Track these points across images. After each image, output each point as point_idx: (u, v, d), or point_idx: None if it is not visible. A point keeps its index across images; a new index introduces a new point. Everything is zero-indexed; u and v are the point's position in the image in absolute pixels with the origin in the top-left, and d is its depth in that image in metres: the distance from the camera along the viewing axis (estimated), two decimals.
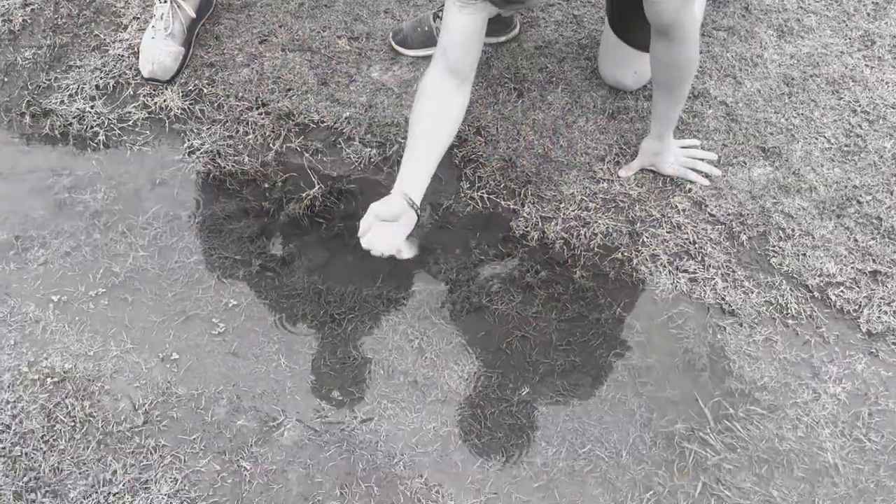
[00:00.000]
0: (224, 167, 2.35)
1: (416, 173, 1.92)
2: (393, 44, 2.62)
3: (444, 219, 2.26)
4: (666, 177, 2.30)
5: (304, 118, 2.44)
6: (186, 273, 2.13)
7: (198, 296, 2.09)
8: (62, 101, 2.49)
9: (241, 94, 2.49)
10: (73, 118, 2.45)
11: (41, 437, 1.82)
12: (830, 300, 2.06)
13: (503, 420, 1.89)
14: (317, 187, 2.31)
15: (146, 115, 2.47)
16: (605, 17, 2.45)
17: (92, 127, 2.43)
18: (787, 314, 2.04)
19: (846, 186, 2.26)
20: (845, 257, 2.13)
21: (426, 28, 2.56)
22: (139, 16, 2.68)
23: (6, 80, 2.56)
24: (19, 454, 1.79)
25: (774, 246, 2.15)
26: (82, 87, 2.51)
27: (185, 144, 2.40)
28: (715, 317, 2.05)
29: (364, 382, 1.95)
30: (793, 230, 2.18)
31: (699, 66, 2.38)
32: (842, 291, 2.07)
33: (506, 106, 2.46)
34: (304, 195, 2.29)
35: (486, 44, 2.47)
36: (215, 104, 2.47)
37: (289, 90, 2.50)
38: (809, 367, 1.96)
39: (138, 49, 2.53)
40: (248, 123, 2.43)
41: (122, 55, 2.58)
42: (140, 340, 2.00)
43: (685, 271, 2.13)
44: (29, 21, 2.68)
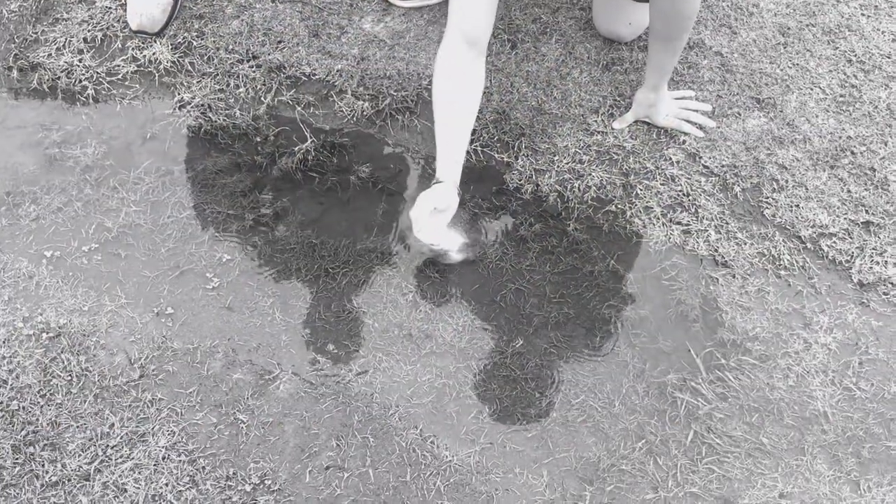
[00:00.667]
0: (215, 121, 2.33)
1: (454, 159, 1.95)
2: None
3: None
4: (660, 129, 2.29)
5: (296, 71, 2.41)
6: (179, 228, 2.13)
7: (191, 251, 2.09)
8: (49, 55, 2.45)
9: (231, 47, 2.45)
10: (62, 72, 2.42)
11: (38, 392, 1.83)
12: (823, 251, 2.07)
13: (497, 372, 1.91)
14: (309, 141, 2.29)
15: (135, 69, 2.44)
16: None
17: (80, 81, 2.41)
18: (780, 265, 2.05)
19: (840, 137, 2.26)
20: (838, 208, 2.13)
21: None
22: None
23: None
24: (17, 408, 1.80)
25: (768, 197, 2.16)
26: (70, 41, 2.47)
27: (176, 98, 2.38)
28: (708, 268, 2.06)
29: (359, 335, 1.96)
30: (786, 181, 2.18)
31: None
32: (834, 242, 2.08)
33: (499, 57, 2.44)
34: (296, 149, 2.27)
35: None
36: (205, 57, 2.44)
37: (279, 42, 2.47)
38: (801, 317, 1.98)
39: (126, 0, 2.49)
40: (238, 76, 2.40)
41: (110, 7, 2.54)
42: (134, 295, 2.00)
43: (679, 223, 2.13)
44: None
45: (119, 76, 2.42)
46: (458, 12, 1.92)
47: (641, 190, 2.18)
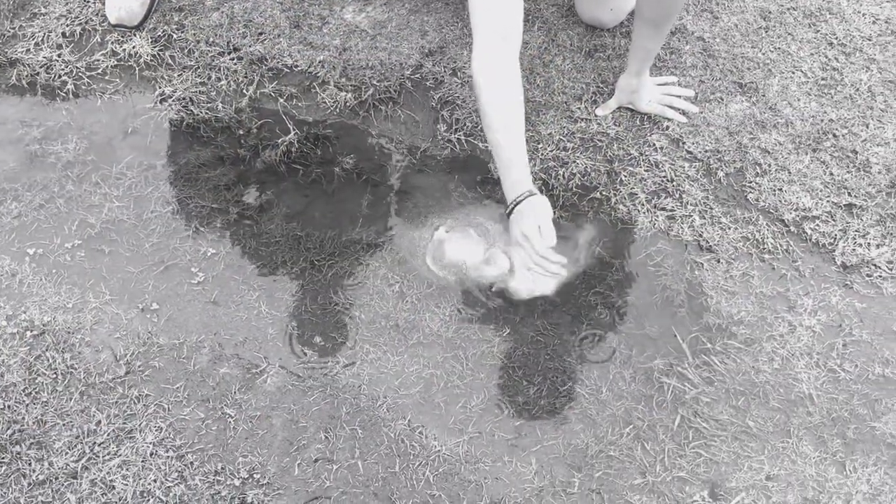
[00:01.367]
0: (197, 114, 2.32)
1: (525, 162, 1.85)
2: None
3: (421, 162, 2.25)
4: (643, 115, 2.29)
5: (278, 63, 2.40)
6: (163, 223, 2.12)
7: (176, 245, 2.08)
8: (28, 50, 2.43)
9: (211, 39, 2.44)
10: (41, 67, 2.40)
11: (23, 390, 1.82)
12: (806, 234, 2.08)
13: (484, 361, 1.91)
14: (292, 133, 2.28)
15: (115, 63, 2.42)
16: None
17: (60, 76, 2.38)
18: (764, 249, 2.06)
19: (822, 120, 2.26)
20: (821, 191, 2.14)
21: None
22: None
23: None
24: (2, 407, 1.79)
25: (751, 181, 2.16)
26: (48, 35, 2.45)
27: (157, 92, 2.36)
28: (693, 253, 2.07)
29: (345, 327, 1.96)
30: (769, 165, 2.18)
31: None
32: (817, 225, 2.09)
33: None
34: (279, 141, 2.26)
35: None
36: (186, 50, 2.42)
37: (260, 34, 2.46)
38: (785, 300, 1.99)
39: None
40: (220, 69, 2.39)
41: (88, 1, 2.52)
42: (119, 291, 1.99)
43: (663, 209, 2.14)
44: None
45: (99, 71, 2.40)
46: (486, 12, 1.80)
47: (626, 176, 2.18)
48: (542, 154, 2.22)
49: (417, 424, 1.82)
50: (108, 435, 1.76)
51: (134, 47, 2.42)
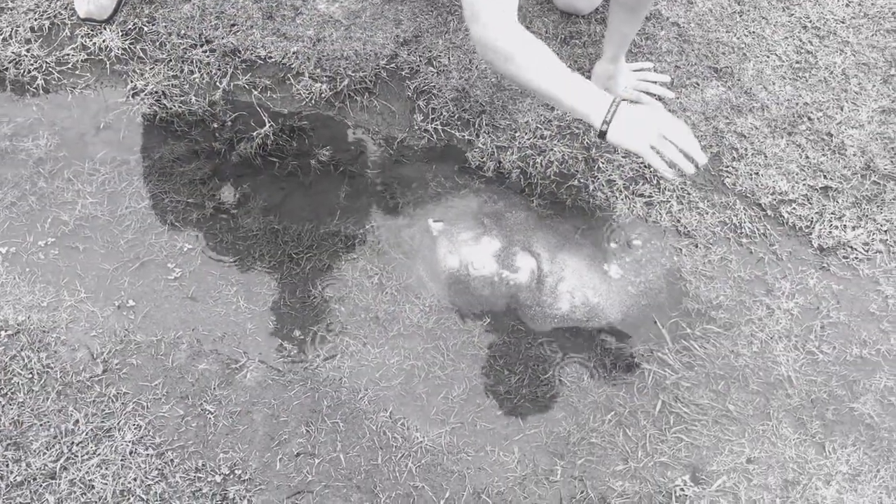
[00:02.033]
0: (170, 108, 2.29)
1: (585, 80, 1.68)
2: None
3: (398, 153, 2.23)
4: None
5: (251, 54, 2.37)
6: (138, 218, 2.09)
7: (151, 241, 2.05)
8: None
9: (183, 32, 2.40)
10: (9, 63, 2.35)
11: None
12: (783, 217, 2.09)
13: (465, 351, 1.91)
14: (267, 125, 2.26)
15: (85, 57, 2.38)
16: None
17: (29, 71, 2.34)
18: (742, 233, 2.07)
19: (797, 104, 2.27)
20: (797, 174, 2.15)
21: None
22: None
23: None
24: None
25: (728, 166, 2.17)
26: (16, 30, 2.40)
27: (129, 86, 2.33)
28: (671, 239, 2.07)
29: (325, 320, 1.95)
30: (745, 149, 2.19)
31: None
32: (794, 208, 2.10)
33: (457, 35, 2.41)
34: (254, 134, 2.24)
35: None
36: (157, 43, 2.39)
37: (233, 26, 2.43)
38: (763, 283, 2.00)
39: None
40: (192, 62, 2.35)
41: None
42: (94, 289, 1.97)
43: (641, 195, 2.14)
44: None
45: (69, 65, 2.36)
46: None
47: (603, 163, 2.18)
48: (520, 142, 2.21)
49: (399, 416, 1.81)
50: (87, 434, 1.75)
51: (104, 41, 2.38)
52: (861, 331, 1.93)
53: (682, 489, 1.73)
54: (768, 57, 2.37)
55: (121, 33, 2.39)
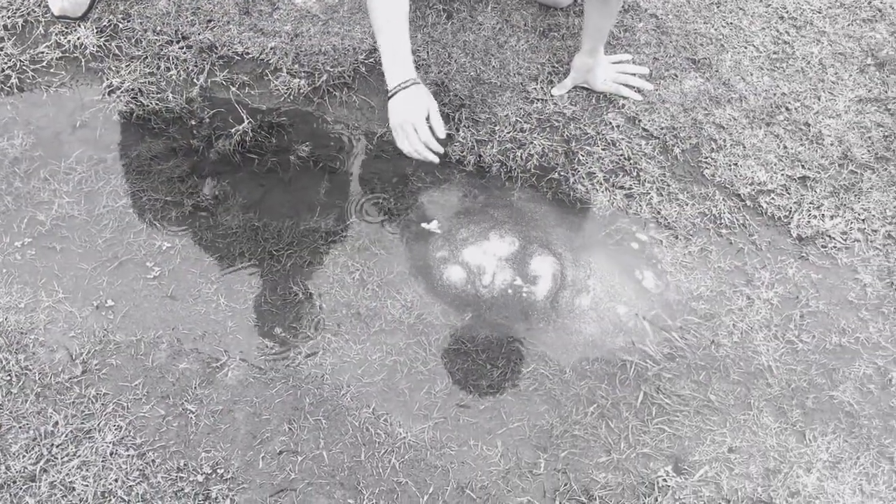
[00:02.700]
0: (147, 105, 2.27)
1: (409, 55, 1.90)
2: None
3: (378, 148, 2.22)
4: (599, 94, 2.29)
5: (228, 50, 2.35)
6: (116, 217, 2.07)
7: (129, 240, 2.04)
8: None
9: (159, 28, 2.38)
10: None
11: None
12: (762, 208, 2.10)
13: (447, 345, 1.90)
14: (246, 122, 2.24)
15: (60, 55, 2.35)
16: None
17: (3, 70, 2.31)
18: (721, 224, 2.08)
19: (775, 94, 2.28)
20: (775, 165, 2.16)
21: None
22: None
23: None
24: None
25: (707, 157, 2.18)
26: None
27: (105, 84, 2.30)
28: (652, 230, 2.08)
29: (306, 317, 1.94)
30: (724, 140, 2.20)
31: None
32: (772, 198, 2.11)
33: (435, 28, 2.41)
34: (233, 131, 2.22)
35: None
36: (133, 40, 2.36)
37: (209, 21, 2.41)
38: (743, 274, 2.01)
39: None
40: (169, 58, 2.33)
41: None
42: (72, 289, 1.95)
43: (621, 187, 2.14)
44: None
45: (43, 63, 2.33)
46: None
47: (583, 156, 2.18)
48: (500, 136, 2.21)
49: (382, 412, 1.81)
50: (67, 436, 1.73)
51: (79, 38, 2.35)
52: (840, 319, 1.94)
53: (664, 480, 1.74)
54: (746, 48, 2.38)
55: (96, 30, 2.37)
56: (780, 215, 2.08)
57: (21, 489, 1.66)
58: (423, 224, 2.04)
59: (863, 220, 2.08)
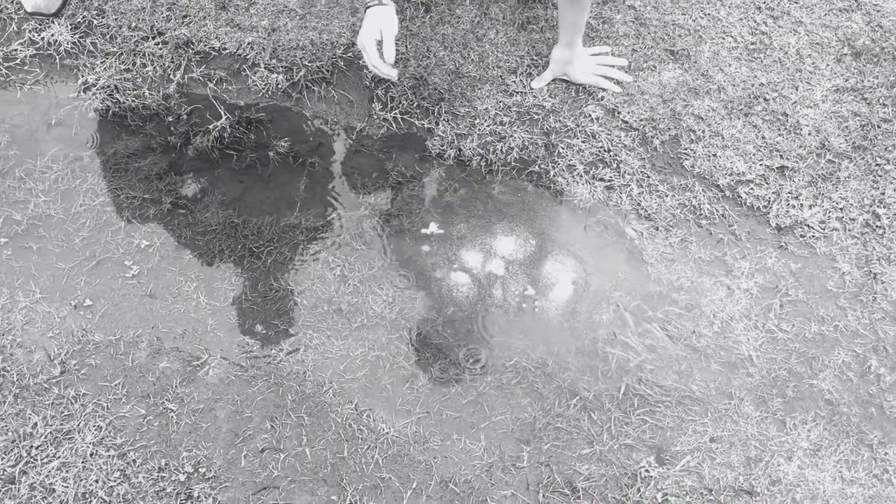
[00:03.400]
0: (123, 102, 2.24)
1: None
2: None
3: (358, 143, 2.21)
4: (578, 86, 2.28)
5: (205, 46, 2.33)
6: (93, 216, 2.05)
7: (107, 239, 2.02)
8: None
9: (134, 24, 2.36)
10: None
11: None
12: (741, 198, 2.11)
13: (429, 340, 1.90)
14: (224, 118, 2.23)
15: (34, 52, 2.33)
16: None
17: None
18: (701, 215, 2.08)
19: (753, 85, 2.29)
20: (754, 155, 2.17)
21: None
22: None
23: None
24: None
25: (686, 148, 2.18)
26: None
27: (80, 81, 2.28)
28: (632, 222, 2.08)
29: (287, 314, 1.93)
30: (703, 131, 2.20)
31: None
32: (751, 189, 2.12)
33: (414, 22, 2.40)
34: (211, 127, 2.21)
35: None
36: (108, 36, 2.34)
37: (185, 17, 2.38)
38: (723, 264, 2.02)
39: None
40: (144, 55, 2.31)
41: None
42: (50, 289, 1.93)
43: (601, 179, 2.14)
44: None
45: (17, 61, 2.31)
46: None
47: (563, 148, 2.18)
48: (480, 129, 2.20)
49: (365, 408, 1.81)
50: (46, 437, 1.72)
51: (53, 35, 2.33)
52: (819, 308, 1.95)
53: (647, 470, 1.74)
54: (724, 39, 2.38)
55: (70, 27, 2.34)
56: (759, 205, 2.09)
57: (0, 492, 1.64)
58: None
59: (841, 208, 2.09)
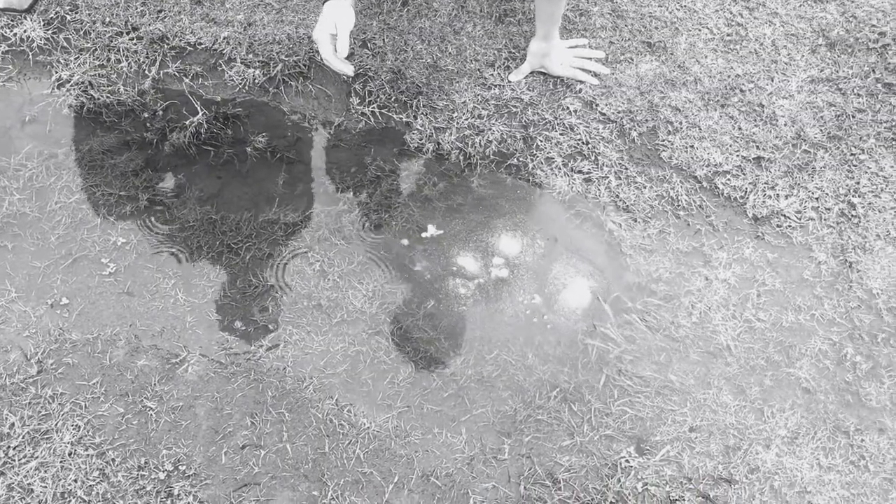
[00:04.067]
0: (98, 99, 2.22)
1: None
2: None
3: (336, 137, 2.21)
4: (556, 79, 2.29)
5: (180, 41, 2.31)
6: (69, 214, 2.03)
7: (83, 236, 2.00)
8: None
9: (108, 19, 2.33)
10: None
11: None
12: (718, 189, 2.12)
13: (410, 334, 1.90)
14: (200, 114, 2.21)
15: (6, 49, 2.30)
16: None
17: None
18: (679, 206, 2.10)
19: (729, 76, 2.30)
20: (730, 146, 2.18)
21: None
22: None
23: None
24: None
25: (664, 140, 2.19)
26: None
27: (54, 77, 2.25)
28: (611, 214, 2.09)
29: (267, 310, 1.92)
30: (680, 123, 2.21)
31: None
32: (728, 179, 2.13)
33: (391, 15, 2.39)
34: (187, 123, 2.19)
35: None
36: (81, 31, 2.31)
37: (160, 11, 2.36)
38: (701, 255, 2.03)
39: None
40: (119, 50, 2.29)
41: None
42: (25, 288, 1.91)
43: (580, 172, 2.15)
44: None
45: None
46: None
47: (542, 141, 2.19)
48: (458, 123, 2.20)
49: (345, 403, 1.80)
50: (23, 437, 1.70)
51: (25, 31, 2.30)
52: (796, 297, 1.97)
53: (627, 461, 1.75)
54: (700, 30, 2.40)
55: (42, 22, 2.32)
56: (735, 196, 2.11)
57: None
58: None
59: (816, 198, 2.11)
